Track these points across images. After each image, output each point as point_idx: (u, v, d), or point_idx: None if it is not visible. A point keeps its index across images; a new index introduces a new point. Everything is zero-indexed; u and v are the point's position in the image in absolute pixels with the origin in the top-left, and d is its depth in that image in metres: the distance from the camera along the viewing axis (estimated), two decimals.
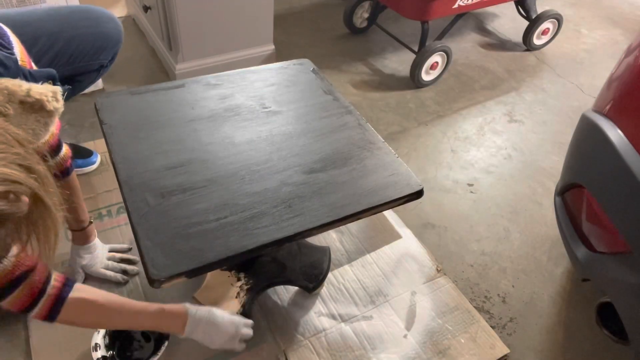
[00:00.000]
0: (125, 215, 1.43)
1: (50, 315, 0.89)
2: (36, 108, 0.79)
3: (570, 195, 1.23)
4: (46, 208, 0.68)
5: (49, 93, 0.81)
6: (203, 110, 1.14)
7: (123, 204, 1.03)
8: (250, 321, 1.11)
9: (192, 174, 0.97)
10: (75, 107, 1.85)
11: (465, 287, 1.43)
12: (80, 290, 0.92)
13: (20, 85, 0.78)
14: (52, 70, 0.87)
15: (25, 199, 0.64)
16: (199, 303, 1.18)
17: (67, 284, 0.91)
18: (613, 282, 1.05)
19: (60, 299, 0.88)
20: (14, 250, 0.72)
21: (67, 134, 1.75)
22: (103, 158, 1.61)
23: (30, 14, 1.22)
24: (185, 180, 0.96)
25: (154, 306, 0.99)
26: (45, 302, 0.87)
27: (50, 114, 0.82)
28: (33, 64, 0.92)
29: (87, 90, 1.85)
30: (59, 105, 0.83)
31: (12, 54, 0.87)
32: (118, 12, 2.46)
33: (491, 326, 1.30)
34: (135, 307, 0.98)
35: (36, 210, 0.67)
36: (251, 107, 1.16)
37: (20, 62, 0.88)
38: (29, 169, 0.64)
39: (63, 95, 0.85)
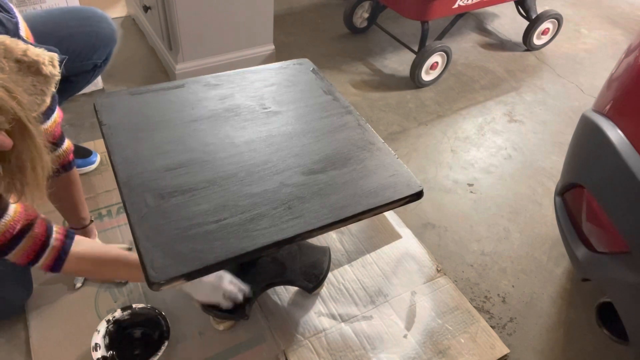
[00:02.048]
0: (125, 215, 1.43)
1: (55, 266, 0.95)
2: (32, 70, 0.79)
3: (570, 195, 1.23)
4: (30, 135, 0.71)
5: (46, 57, 0.81)
6: (203, 110, 1.13)
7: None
8: (240, 285, 1.13)
9: (191, 175, 0.97)
10: (75, 107, 1.85)
11: (465, 287, 1.43)
12: (81, 243, 0.99)
13: (17, 44, 0.78)
14: (54, 49, 0.88)
15: (5, 138, 0.67)
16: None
17: (69, 236, 0.97)
18: (613, 282, 1.05)
19: (63, 251, 0.95)
20: (12, 202, 0.77)
21: (67, 134, 1.74)
22: (103, 158, 1.61)
23: None
24: (185, 181, 0.96)
25: None
26: (50, 254, 0.94)
27: (46, 79, 0.82)
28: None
29: (87, 90, 1.85)
30: (55, 70, 0.83)
31: (13, 17, 0.88)
32: (118, 12, 2.46)
33: (491, 326, 1.30)
34: (129, 259, 1.05)
35: (21, 140, 0.70)
36: (251, 108, 1.16)
37: (23, 34, 0.90)
38: (10, 92, 0.67)
39: (60, 64, 0.85)
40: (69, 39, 1.26)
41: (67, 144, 1.12)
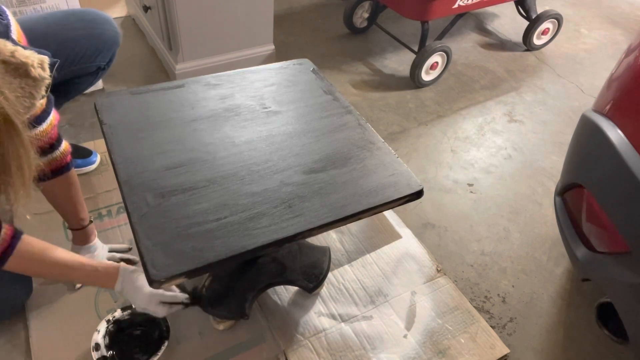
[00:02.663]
0: (125, 215, 1.43)
1: None
2: (21, 72, 0.77)
3: (570, 195, 1.23)
4: (17, 133, 0.70)
5: (36, 59, 0.80)
6: (203, 110, 1.13)
7: (123, 204, 1.04)
8: (171, 295, 1.10)
9: (192, 174, 0.97)
10: (75, 107, 1.85)
11: (465, 287, 1.43)
12: (27, 243, 0.99)
13: (5, 45, 0.77)
14: (46, 52, 0.87)
15: None
16: None
17: (15, 236, 0.97)
18: (613, 282, 1.05)
19: (8, 250, 0.96)
20: None
21: (67, 134, 1.75)
22: (103, 158, 1.61)
23: (23, 19, 1.22)
24: (185, 180, 0.96)
25: (91, 264, 1.07)
26: None
27: (35, 82, 0.80)
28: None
29: (87, 91, 1.85)
30: (44, 74, 0.82)
31: (4, 19, 0.87)
32: (118, 12, 2.46)
33: (491, 326, 1.30)
34: (74, 263, 1.06)
35: (7, 137, 0.69)
36: (251, 107, 1.16)
37: (14, 36, 0.88)
38: None
39: (52, 68, 0.84)
40: (72, 41, 1.26)
41: (65, 145, 1.11)
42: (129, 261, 1.32)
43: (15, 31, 0.90)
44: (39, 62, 0.81)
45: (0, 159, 0.71)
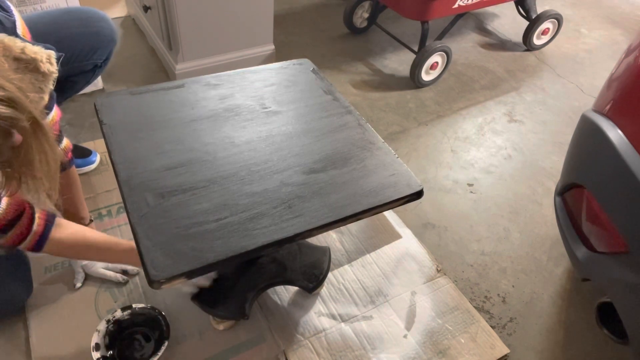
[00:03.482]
0: (125, 215, 1.43)
1: (35, 249, 1.01)
2: (31, 68, 0.80)
3: (570, 195, 1.23)
4: (43, 131, 0.73)
5: (44, 54, 0.83)
6: (203, 110, 1.13)
7: (123, 204, 1.04)
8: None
9: (191, 174, 0.97)
10: (75, 107, 1.85)
11: (465, 287, 1.43)
12: (61, 227, 1.03)
13: (15, 42, 0.79)
14: (51, 47, 0.89)
15: (18, 135, 0.69)
16: None
17: (49, 221, 1.01)
18: (613, 282, 1.05)
19: (43, 235, 1.01)
20: (5, 192, 0.78)
21: (67, 133, 1.74)
22: (103, 158, 1.61)
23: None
24: (185, 180, 0.96)
25: (124, 244, 1.10)
26: (32, 238, 0.99)
27: (44, 77, 0.84)
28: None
29: (87, 90, 1.85)
30: (53, 68, 0.85)
31: (11, 16, 0.90)
32: (118, 12, 2.46)
33: (491, 326, 1.30)
34: (108, 244, 1.09)
35: (33, 137, 0.72)
36: (251, 107, 1.16)
37: (20, 32, 0.91)
38: (23, 91, 0.69)
39: (57, 61, 0.87)
40: (69, 39, 1.26)
41: (66, 142, 1.13)
42: None
43: (21, 27, 0.92)
44: (47, 57, 0.83)
45: (24, 156, 0.73)
